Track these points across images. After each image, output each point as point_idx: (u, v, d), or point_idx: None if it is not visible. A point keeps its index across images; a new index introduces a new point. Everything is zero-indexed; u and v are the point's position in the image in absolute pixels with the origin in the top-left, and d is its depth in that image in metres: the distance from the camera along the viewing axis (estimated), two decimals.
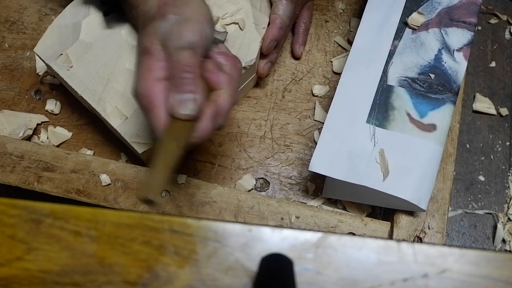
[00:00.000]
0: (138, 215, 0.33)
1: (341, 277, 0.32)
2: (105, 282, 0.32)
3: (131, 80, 0.51)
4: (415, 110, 0.51)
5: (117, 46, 0.53)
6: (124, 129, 0.51)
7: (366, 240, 0.33)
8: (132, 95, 0.42)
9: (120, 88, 0.52)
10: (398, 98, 0.52)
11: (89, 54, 0.54)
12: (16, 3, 0.68)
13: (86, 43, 0.54)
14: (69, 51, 0.54)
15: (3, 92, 0.63)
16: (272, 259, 0.31)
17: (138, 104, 0.41)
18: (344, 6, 0.66)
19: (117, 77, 0.52)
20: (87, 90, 0.53)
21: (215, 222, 0.33)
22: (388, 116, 0.51)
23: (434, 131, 0.50)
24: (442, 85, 0.52)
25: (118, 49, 0.53)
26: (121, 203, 0.52)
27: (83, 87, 0.53)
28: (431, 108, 0.51)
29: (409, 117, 0.51)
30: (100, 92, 0.52)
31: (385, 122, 0.51)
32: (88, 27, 0.54)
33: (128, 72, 0.52)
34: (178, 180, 0.52)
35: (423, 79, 0.52)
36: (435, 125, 0.50)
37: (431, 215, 0.51)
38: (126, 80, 0.52)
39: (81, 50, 0.54)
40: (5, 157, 0.54)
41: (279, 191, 0.58)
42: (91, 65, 0.53)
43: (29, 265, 0.32)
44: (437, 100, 0.51)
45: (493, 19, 0.71)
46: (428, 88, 0.51)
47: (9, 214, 0.33)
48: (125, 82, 0.52)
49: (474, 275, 0.32)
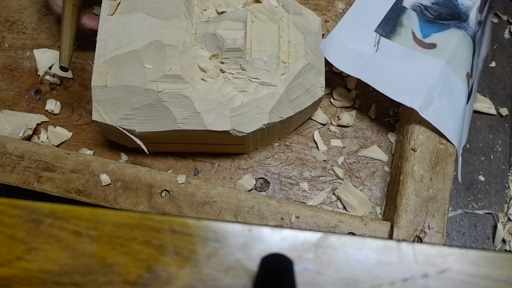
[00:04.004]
0: (138, 215, 0.33)
1: (341, 277, 0.32)
2: (105, 282, 0.32)
3: (136, 64, 0.51)
4: (420, 31, 0.56)
5: (148, 28, 0.53)
6: (97, 92, 0.52)
7: (366, 240, 0.33)
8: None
9: (124, 64, 0.52)
10: (408, 18, 0.57)
11: (130, 15, 0.53)
12: (16, 3, 0.68)
13: (137, 3, 0.54)
14: (124, 2, 0.54)
15: (3, 92, 0.63)
16: (272, 259, 0.31)
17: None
18: (344, 6, 0.66)
19: (128, 53, 0.52)
20: (102, 41, 0.53)
21: (215, 222, 0.33)
22: (395, 30, 0.57)
23: (433, 48, 0.55)
24: (451, 15, 0.56)
25: (148, 32, 0.52)
26: (121, 203, 0.52)
27: (103, 37, 0.53)
28: (436, 31, 0.56)
29: (413, 35, 0.56)
30: (108, 51, 0.52)
31: (390, 34, 0.57)
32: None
33: (137, 57, 0.52)
34: (178, 180, 0.52)
35: (435, 9, 0.56)
36: (435, 44, 0.55)
37: (431, 215, 0.51)
38: (132, 60, 0.52)
39: (129, 8, 0.54)
40: (5, 157, 0.54)
41: (279, 191, 0.58)
42: (122, 25, 0.53)
43: (29, 265, 0.32)
44: (442, 25, 0.55)
45: (493, 19, 0.71)
46: (438, 17, 0.56)
47: (9, 214, 0.33)
48: (131, 63, 0.52)
49: (474, 275, 0.32)
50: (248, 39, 0.52)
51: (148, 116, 0.52)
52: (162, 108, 0.51)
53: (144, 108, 0.51)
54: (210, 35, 0.52)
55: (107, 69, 0.52)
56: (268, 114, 0.52)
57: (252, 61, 0.51)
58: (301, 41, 0.54)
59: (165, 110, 0.51)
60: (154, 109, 0.51)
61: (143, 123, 0.52)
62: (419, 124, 0.54)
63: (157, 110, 0.51)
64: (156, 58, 0.51)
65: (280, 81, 0.52)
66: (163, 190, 0.52)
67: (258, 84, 0.52)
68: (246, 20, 0.53)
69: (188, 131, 0.51)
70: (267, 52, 0.52)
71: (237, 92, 0.51)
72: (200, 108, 0.50)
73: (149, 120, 0.52)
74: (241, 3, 0.55)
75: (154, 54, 0.51)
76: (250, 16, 0.53)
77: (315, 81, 0.55)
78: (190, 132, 0.52)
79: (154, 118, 0.52)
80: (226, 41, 0.51)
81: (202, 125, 0.51)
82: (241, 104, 0.51)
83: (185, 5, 0.54)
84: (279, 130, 0.57)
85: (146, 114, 0.52)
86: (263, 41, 0.52)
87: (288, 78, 0.53)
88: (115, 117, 0.52)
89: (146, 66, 0.51)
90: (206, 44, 0.53)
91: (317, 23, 0.58)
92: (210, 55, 0.53)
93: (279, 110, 0.53)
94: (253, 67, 0.52)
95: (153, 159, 0.59)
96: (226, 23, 0.52)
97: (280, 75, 0.52)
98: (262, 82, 0.52)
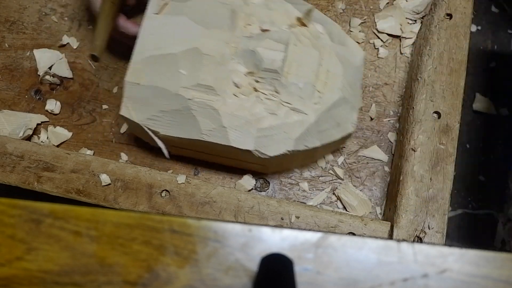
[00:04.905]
0: (138, 215, 0.33)
1: (341, 277, 0.32)
2: (105, 282, 0.32)
3: (172, 68, 0.51)
4: None
5: (190, 34, 0.52)
6: (129, 88, 0.52)
7: (366, 240, 0.33)
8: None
9: (160, 65, 0.51)
10: None
11: (175, 17, 0.53)
12: (16, 3, 0.68)
13: (184, 7, 0.54)
14: (171, 3, 0.54)
15: (3, 92, 0.63)
16: (272, 259, 0.31)
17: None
18: (344, 6, 0.66)
19: (166, 55, 0.51)
20: (143, 39, 0.52)
21: (215, 222, 0.33)
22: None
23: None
24: None
25: (189, 37, 0.52)
26: (121, 203, 0.52)
27: (145, 34, 0.53)
28: None
29: None
30: (147, 49, 0.52)
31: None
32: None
33: (174, 61, 0.51)
34: (178, 180, 0.52)
35: None
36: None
37: (431, 215, 0.51)
38: (169, 63, 0.51)
39: (175, 10, 0.54)
40: (5, 157, 0.54)
41: (279, 191, 0.58)
42: (165, 26, 0.53)
43: (29, 265, 0.32)
44: None
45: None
46: None
47: (9, 214, 0.33)
48: (167, 66, 0.51)
49: (474, 275, 0.32)
50: (287, 62, 0.51)
51: (174, 121, 0.51)
52: (189, 116, 0.51)
53: (171, 112, 0.51)
54: (249, 52, 0.51)
55: (142, 67, 0.52)
56: (294, 141, 0.50)
57: (287, 85, 0.51)
58: (340, 72, 0.53)
59: (192, 119, 0.51)
60: (181, 115, 0.51)
61: (168, 126, 0.52)
62: (419, 124, 0.54)
63: (183, 117, 0.51)
64: (192, 65, 0.51)
65: (312, 110, 0.51)
66: (163, 190, 0.52)
67: (290, 109, 0.51)
68: (288, 42, 0.52)
69: (211, 143, 0.51)
70: (304, 78, 0.51)
71: (267, 113, 0.50)
72: (226, 123, 0.50)
73: (174, 125, 0.51)
74: (286, 23, 0.54)
75: (191, 61, 0.51)
76: (294, 39, 0.52)
77: (347, 116, 0.54)
78: (213, 144, 0.51)
79: (179, 124, 0.51)
80: (264, 60, 0.50)
81: (226, 140, 0.50)
82: (269, 126, 0.50)
83: (231, 17, 0.53)
84: (302, 158, 0.55)
85: (172, 118, 0.51)
86: (301, 66, 0.51)
87: (320, 108, 0.51)
88: (142, 116, 0.52)
89: (181, 71, 0.51)
90: (244, 59, 0.52)
91: (361, 56, 0.57)
92: (246, 71, 0.52)
93: (306, 139, 0.51)
94: (287, 91, 0.51)
95: (153, 159, 0.59)
96: (268, 43, 0.51)
97: (313, 103, 0.51)
98: (294, 107, 0.51)
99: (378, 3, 0.65)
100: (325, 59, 0.53)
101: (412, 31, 0.63)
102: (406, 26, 0.63)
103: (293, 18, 0.54)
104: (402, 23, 0.63)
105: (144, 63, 0.52)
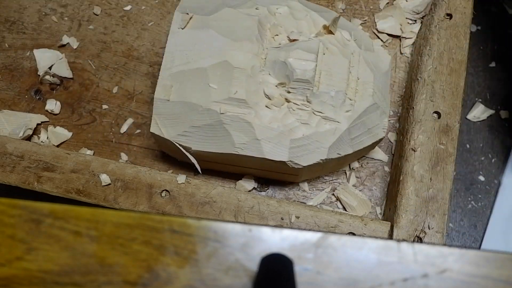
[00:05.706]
0: (138, 215, 0.33)
1: (341, 277, 0.32)
2: (105, 282, 0.32)
3: (201, 82, 0.50)
4: None
5: (218, 47, 0.52)
6: (158, 105, 0.51)
7: (366, 240, 0.33)
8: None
9: (189, 80, 0.51)
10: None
11: (201, 31, 0.52)
12: (16, 3, 0.68)
13: (209, 20, 0.53)
14: (196, 17, 0.54)
15: (3, 92, 0.63)
16: (272, 259, 0.31)
17: None
18: (344, 6, 0.66)
19: (195, 69, 0.51)
20: (170, 54, 0.52)
21: (215, 222, 0.33)
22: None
23: None
24: None
25: (218, 51, 0.51)
26: (121, 203, 0.52)
27: (171, 49, 0.52)
28: None
29: None
30: (175, 65, 0.52)
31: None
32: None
33: (203, 75, 0.51)
34: (178, 180, 0.52)
35: None
36: None
37: (431, 215, 0.51)
38: (198, 78, 0.51)
39: (201, 23, 0.53)
40: (5, 157, 0.54)
41: (279, 191, 0.58)
42: (192, 40, 0.52)
43: (29, 265, 0.32)
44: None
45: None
46: None
47: (9, 214, 0.33)
48: (197, 81, 0.51)
49: (474, 275, 0.32)
50: (317, 71, 0.51)
51: (206, 136, 0.51)
52: (222, 130, 0.50)
53: (203, 127, 0.51)
54: (280, 63, 0.51)
55: (171, 83, 0.51)
56: (327, 150, 0.50)
57: (319, 94, 0.50)
58: (371, 79, 0.53)
59: (225, 133, 0.50)
60: (213, 130, 0.50)
61: (200, 142, 0.51)
62: (419, 124, 0.54)
63: (216, 131, 0.50)
64: (223, 79, 0.50)
65: (344, 118, 0.51)
66: (163, 190, 0.52)
67: (322, 118, 0.51)
68: (317, 51, 0.51)
69: (245, 156, 0.51)
70: (335, 86, 0.51)
71: (299, 123, 0.50)
72: (260, 135, 0.50)
73: (207, 140, 0.51)
74: (313, 32, 0.54)
75: (221, 75, 0.50)
76: (322, 47, 0.52)
77: (378, 121, 0.54)
78: (246, 157, 0.51)
79: (212, 139, 0.51)
80: (296, 71, 0.50)
81: (260, 152, 0.50)
82: (302, 137, 0.50)
83: (258, 28, 0.53)
84: (333, 165, 0.55)
85: (204, 133, 0.51)
86: (332, 75, 0.51)
87: (352, 116, 0.51)
88: (173, 132, 0.51)
89: (211, 85, 0.50)
90: (274, 71, 0.51)
91: (388, 62, 0.57)
92: (277, 82, 0.51)
93: (339, 147, 0.51)
94: (319, 101, 0.51)
95: (153, 159, 0.59)
96: (298, 53, 0.51)
97: (345, 111, 0.51)
98: (326, 116, 0.51)
99: (378, 3, 0.65)
100: (355, 66, 0.53)
101: (412, 31, 0.63)
102: (406, 26, 0.63)
103: (320, 27, 0.54)
104: (402, 23, 0.64)
105: (173, 79, 0.51)
